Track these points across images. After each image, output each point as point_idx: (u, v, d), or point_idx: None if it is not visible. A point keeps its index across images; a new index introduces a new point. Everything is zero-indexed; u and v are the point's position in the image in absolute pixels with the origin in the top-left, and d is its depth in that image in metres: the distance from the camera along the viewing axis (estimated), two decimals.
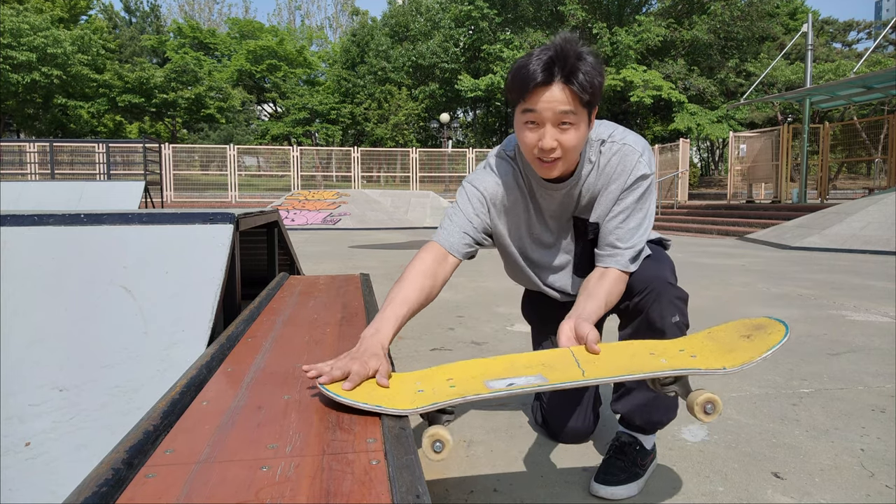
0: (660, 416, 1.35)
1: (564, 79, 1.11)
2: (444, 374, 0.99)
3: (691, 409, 0.94)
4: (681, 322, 1.29)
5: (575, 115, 1.14)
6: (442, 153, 21.19)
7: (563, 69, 1.10)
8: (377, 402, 0.85)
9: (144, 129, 32.59)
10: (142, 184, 10.00)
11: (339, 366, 0.93)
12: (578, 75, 1.10)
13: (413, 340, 2.79)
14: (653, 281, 1.28)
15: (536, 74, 1.10)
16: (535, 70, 1.11)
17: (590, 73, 1.12)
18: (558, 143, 1.15)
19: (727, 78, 27.20)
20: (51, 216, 1.65)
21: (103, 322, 1.48)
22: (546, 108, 1.13)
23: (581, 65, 1.11)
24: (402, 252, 7.70)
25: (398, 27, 32.53)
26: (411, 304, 1.15)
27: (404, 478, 0.65)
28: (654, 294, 1.27)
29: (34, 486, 1.20)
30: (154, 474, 0.66)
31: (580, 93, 1.11)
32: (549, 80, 1.11)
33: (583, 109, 1.15)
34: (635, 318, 1.31)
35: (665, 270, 1.32)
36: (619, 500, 1.30)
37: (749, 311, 3.54)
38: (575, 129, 1.15)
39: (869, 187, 17.44)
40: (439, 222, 1.33)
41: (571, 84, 1.11)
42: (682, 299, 1.30)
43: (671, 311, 1.27)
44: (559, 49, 1.11)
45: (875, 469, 1.43)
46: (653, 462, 1.40)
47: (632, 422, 1.37)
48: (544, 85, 1.11)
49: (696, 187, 27.44)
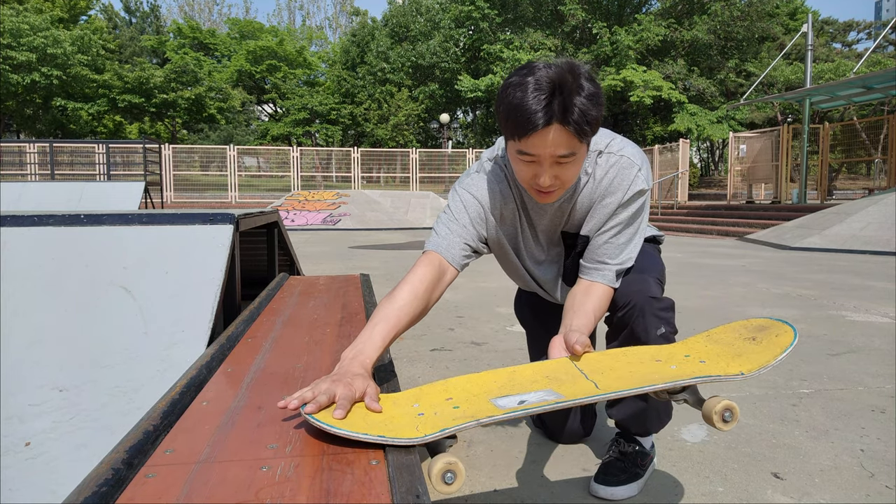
0: (651, 425, 1.36)
1: (563, 120, 1.03)
2: (440, 392, 0.92)
3: (709, 418, 0.88)
4: (667, 332, 1.26)
5: (574, 153, 1.08)
6: (442, 154, 21.20)
7: (562, 110, 1.02)
8: (378, 431, 0.77)
9: (144, 129, 32.60)
10: (142, 184, 10.00)
11: (322, 389, 0.83)
12: (575, 112, 1.02)
13: (413, 341, 2.79)
14: (634, 296, 1.25)
15: (536, 119, 1.02)
16: (533, 112, 1.02)
17: (588, 110, 1.04)
18: (557, 179, 1.11)
19: (727, 78, 27.20)
20: (51, 217, 1.65)
21: (103, 322, 1.48)
22: (544, 153, 1.07)
23: (578, 101, 1.03)
24: (402, 252, 7.70)
25: (398, 27, 32.54)
26: (399, 326, 1.06)
27: (404, 478, 0.65)
28: (637, 310, 1.24)
29: (34, 486, 1.20)
30: (154, 474, 0.66)
31: (578, 134, 1.04)
32: (547, 124, 1.03)
33: (581, 144, 1.08)
34: (621, 331, 1.29)
35: (648, 282, 1.27)
36: (619, 501, 1.30)
37: (749, 311, 3.54)
38: (573, 164, 1.10)
39: (869, 188, 17.45)
40: (433, 225, 1.28)
41: (569, 125, 1.03)
42: (665, 309, 1.26)
43: (655, 324, 1.24)
44: (557, 86, 1.02)
45: (875, 469, 1.43)
46: (652, 462, 1.41)
47: (627, 430, 1.38)
48: (545, 127, 1.03)
49: (696, 188, 27.44)
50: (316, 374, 1.05)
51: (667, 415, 1.38)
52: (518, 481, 1.37)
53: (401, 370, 2.30)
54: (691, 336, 1.08)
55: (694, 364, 0.96)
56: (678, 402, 0.95)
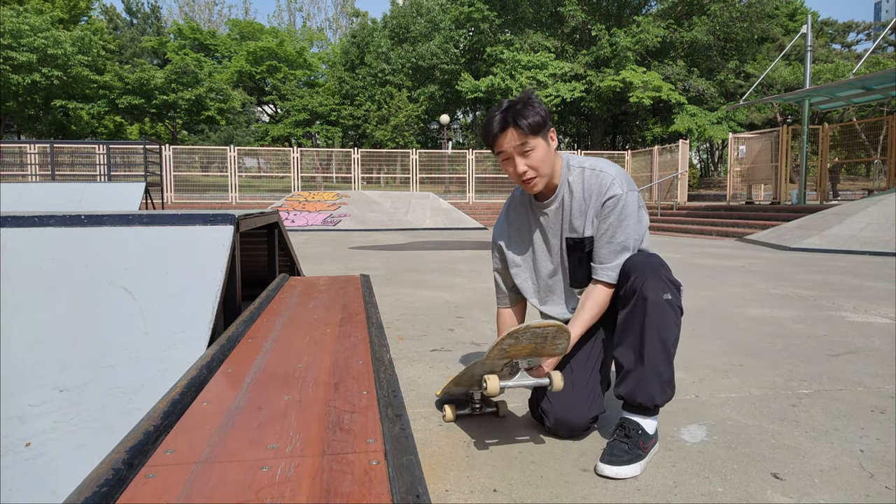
0: (655, 392, 1.47)
1: (513, 123, 1.52)
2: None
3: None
4: (673, 301, 1.46)
5: (529, 143, 1.53)
6: (442, 154, 21.21)
7: (510, 117, 1.52)
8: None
9: (145, 130, 32.61)
10: (142, 185, 10.00)
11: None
12: (520, 120, 1.51)
13: (413, 341, 2.80)
14: (644, 266, 1.50)
15: (494, 127, 1.54)
16: (493, 127, 1.55)
17: (529, 114, 1.51)
18: (528, 167, 1.55)
19: (727, 79, 27.21)
20: (51, 217, 1.66)
21: (104, 323, 1.48)
22: (508, 147, 1.54)
23: (522, 110, 1.51)
24: (403, 253, 7.70)
25: (398, 28, 32.54)
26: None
27: (404, 478, 0.65)
28: (647, 275, 1.47)
29: (34, 486, 1.21)
30: (154, 474, 0.66)
31: (526, 129, 1.51)
32: (503, 129, 1.53)
33: (535, 138, 1.53)
34: (631, 298, 1.49)
35: (656, 259, 1.53)
36: (622, 480, 1.38)
37: (748, 311, 3.54)
38: (535, 151, 1.54)
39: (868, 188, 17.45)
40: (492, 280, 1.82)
41: (517, 126, 1.51)
42: (673, 283, 1.48)
43: (663, 288, 1.46)
44: (506, 107, 1.54)
45: (875, 470, 1.43)
46: (654, 446, 1.49)
47: (633, 401, 1.48)
48: (501, 132, 1.54)
49: (696, 188, 27.45)
50: (316, 374, 1.05)
51: (670, 386, 1.48)
52: (518, 481, 1.37)
53: (401, 370, 2.30)
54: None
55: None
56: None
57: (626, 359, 1.49)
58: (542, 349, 1.42)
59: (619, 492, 1.32)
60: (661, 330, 1.44)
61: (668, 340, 1.45)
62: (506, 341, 1.35)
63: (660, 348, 1.44)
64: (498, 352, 1.38)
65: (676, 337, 1.47)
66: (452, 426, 1.71)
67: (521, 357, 1.44)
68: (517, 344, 1.37)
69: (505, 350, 1.38)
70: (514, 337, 1.35)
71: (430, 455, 1.51)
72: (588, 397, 1.59)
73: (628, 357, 1.48)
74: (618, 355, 1.52)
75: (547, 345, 1.40)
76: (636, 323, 1.46)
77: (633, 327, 1.47)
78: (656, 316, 1.44)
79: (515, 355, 1.43)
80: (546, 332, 1.35)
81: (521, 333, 1.34)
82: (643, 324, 1.45)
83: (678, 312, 1.48)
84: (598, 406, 1.60)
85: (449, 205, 16.28)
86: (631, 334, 1.48)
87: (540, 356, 1.46)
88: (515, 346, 1.38)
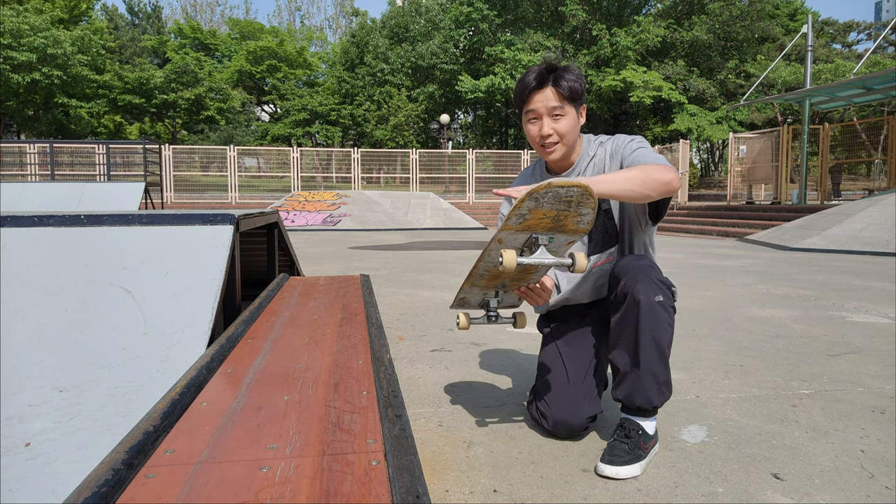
0: (653, 394, 1.46)
1: (554, 83, 1.51)
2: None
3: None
4: (665, 302, 1.45)
5: (563, 108, 1.52)
6: (442, 154, 21.21)
7: (553, 79, 1.51)
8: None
9: (145, 130, 32.60)
10: (142, 185, 10.00)
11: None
12: (561, 81, 1.50)
13: (413, 341, 2.79)
14: (634, 268, 1.49)
15: (531, 83, 1.52)
16: (530, 80, 1.52)
17: (570, 79, 1.51)
18: (554, 130, 1.53)
19: (727, 79, 27.21)
20: (51, 217, 1.65)
21: (103, 323, 1.48)
22: (541, 105, 1.52)
23: (564, 73, 1.51)
24: (403, 253, 7.70)
25: (398, 28, 32.55)
26: None
27: (404, 478, 0.65)
28: (637, 277, 1.46)
29: (34, 486, 1.20)
30: (154, 475, 0.66)
31: (565, 92, 1.50)
32: (541, 86, 1.52)
33: (570, 105, 1.52)
34: (623, 302, 1.47)
35: (646, 261, 1.52)
36: (622, 480, 1.38)
37: (749, 311, 3.54)
38: (565, 118, 1.53)
39: (869, 188, 17.45)
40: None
41: (558, 87, 1.50)
42: (664, 283, 1.47)
43: (654, 289, 1.44)
44: (549, 66, 1.53)
45: (875, 470, 1.43)
46: (655, 446, 1.50)
47: (632, 404, 1.48)
48: (538, 89, 1.52)
49: (696, 188, 27.44)
50: (316, 375, 1.05)
51: (667, 387, 1.48)
52: (518, 481, 1.37)
53: (401, 370, 2.30)
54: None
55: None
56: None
57: (622, 362, 1.49)
58: (564, 220, 1.23)
59: (619, 492, 1.32)
60: (654, 332, 1.43)
61: (663, 342, 1.45)
62: (525, 204, 1.17)
63: (654, 350, 1.44)
64: (516, 218, 1.20)
65: (671, 338, 1.47)
66: (452, 426, 1.71)
67: (541, 231, 1.26)
68: (537, 208, 1.19)
69: (524, 216, 1.20)
70: (534, 199, 1.16)
71: (430, 455, 1.51)
72: (585, 397, 1.59)
73: (624, 360, 1.48)
74: (613, 359, 1.52)
75: (571, 214, 1.22)
76: (629, 326, 1.46)
77: (627, 331, 1.47)
78: (649, 318, 1.43)
79: (534, 226, 1.24)
80: (570, 193, 1.16)
81: (543, 194, 1.15)
82: (637, 327, 1.44)
83: (671, 313, 1.47)
84: (595, 406, 1.60)
85: (449, 205, 16.28)
86: (625, 338, 1.48)
87: (563, 231, 1.27)
88: (535, 212, 1.20)
